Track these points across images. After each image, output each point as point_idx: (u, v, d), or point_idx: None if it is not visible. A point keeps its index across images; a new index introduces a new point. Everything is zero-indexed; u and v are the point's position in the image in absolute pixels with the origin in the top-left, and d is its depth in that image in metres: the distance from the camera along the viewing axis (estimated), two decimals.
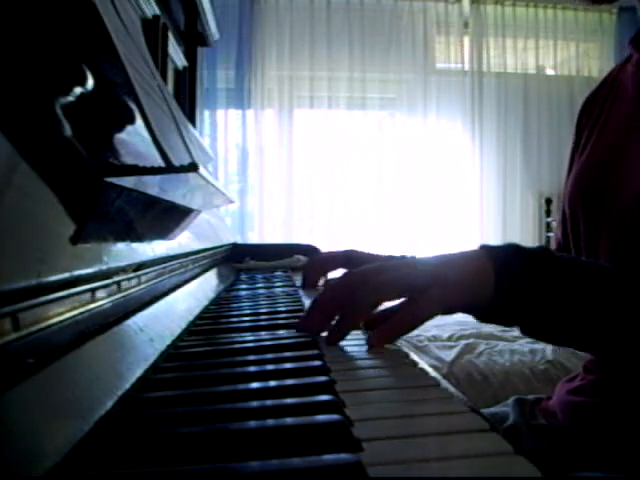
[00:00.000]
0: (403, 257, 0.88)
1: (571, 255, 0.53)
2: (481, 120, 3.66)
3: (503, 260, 0.50)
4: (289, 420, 0.30)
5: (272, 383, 0.38)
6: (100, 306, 0.39)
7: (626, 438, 0.62)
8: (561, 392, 0.75)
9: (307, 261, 1.02)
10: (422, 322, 0.49)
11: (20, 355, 0.28)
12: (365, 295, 0.49)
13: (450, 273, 0.50)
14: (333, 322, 0.51)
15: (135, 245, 0.51)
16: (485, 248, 0.52)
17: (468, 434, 0.29)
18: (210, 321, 0.65)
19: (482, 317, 0.52)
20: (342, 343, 0.51)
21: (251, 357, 0.46)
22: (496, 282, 0.49)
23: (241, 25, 3.45)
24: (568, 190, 0.76)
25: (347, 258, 0.82)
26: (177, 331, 0.54)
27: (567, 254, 0.53)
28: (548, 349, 1.93)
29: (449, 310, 0.51)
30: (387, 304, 0.54)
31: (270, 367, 0.42)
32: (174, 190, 0.63)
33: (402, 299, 0.53)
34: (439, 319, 2.30)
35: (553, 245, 0.87)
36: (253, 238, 3.45)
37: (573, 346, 0.57)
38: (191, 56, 1.79)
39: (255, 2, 3.46)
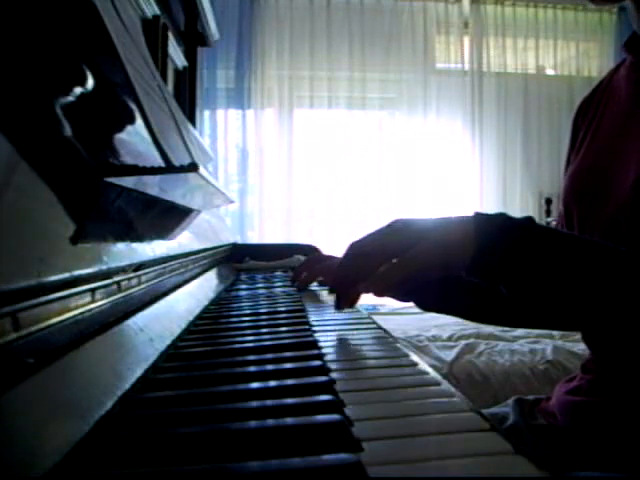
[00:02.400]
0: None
1: (552, 228, 0.56)
2: (481, 120, 3.66)
3: (485, 226, 0.54)
4: (289, 420, 0.30)
5: (272, 383, 0.38)
6: (100, 306, 0.39)
7: (625, 438, 0.62)
8: (560, 392, 0.75)
9: (304, 261, 1.02)
10: (404, 277, 0.54)
11: (20, 355, 0.28)
12: (358, 265, 0.57)
13: (433, 234, 0.55)
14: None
15: (135, 245, 0.51)
16: (475, 214, 0.56)
17: (468, 434, 0.30)
18: (210, 321, 0.65)
19: (465, 273, 0.55)
20: (341, 343, 0.52)
21: (251, 357, 0.46)
22: (475, 246, 0.53)
23: (241, 25, 3.45)
24: (563, 190, 0.77)
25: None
26: (177, 331, 0.54)
27: (551, 227, 0.56)
28: (548, 349, 1.93)
29: (428, 271, 0.55)
30: None
31: (270, 367, 0.42)
32: (174, 190, 0.63)
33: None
34: (439, 319, 2.31)
35: None
36: (253, 238, 3.45)
37: (551, 311, 0.60)
38: (191, 56, 1.78)
39: (255, 2, 3.45)
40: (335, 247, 1.04)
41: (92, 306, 0.38)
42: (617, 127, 0.71)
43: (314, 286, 0.96)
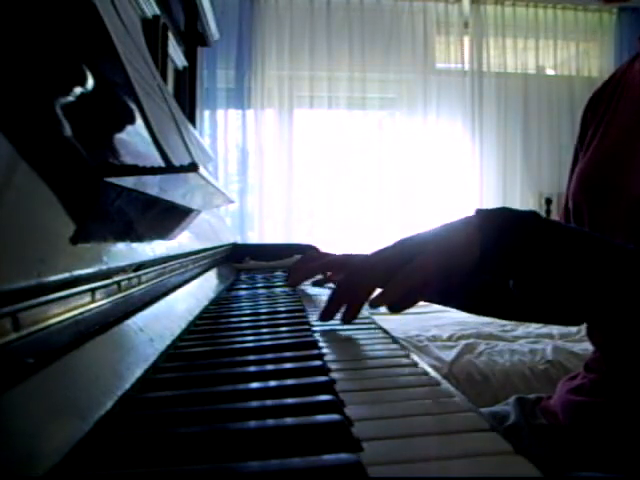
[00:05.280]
0: None
1: (559, 222, 0.55)
2: (481, 120, 3.66)
3: (489, 221, 0.53)
4: (289, 420, 0.30)
5: (272, 383, 0.38)
6: (100, 306, 0.39)
7: (626, 438, 0.62)
8: (562, 391, 0.75)
9: (299, 259, 1.01)
10: (408, 288, 0.53)
11: (20, 355, 0.28)
12: (361, 281, 0.57)
13: (433, 242, 0.54)
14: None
15: (135, 245, 0.51)
16: (477, 212, 0.55)
17: (468, 434, 0.29)
18: (210, 321, 0.65)
19: (474, 272, 0.54)
20: (341, 343, 0.52)
21: (251, 357, 0.46)
22: (481, 247, 0.52)
23: (241, 25, 3.45)
24: (572, 186, 0.76)
25: (343, 264, 0.83)
26: (177, 331, 0.54)
27: (556, 220, 0.55)
28: (548, 349, 1.93)
29: (434, 279, 0.53)
30: None
31: (270, 367, 0.42)
32: (174, 190, 0.63)
33: None
34: (439, 319, 2.31)
35: None
36: (253, 238, 3.45)
37: (560, 305, 0.59)
38: (191, 56, 1.79)
39: (255, 2, 3.46)
40: (335, 247, 1.04)
41: (92, 306, 0.38)
42: (631, 122, 0.70)
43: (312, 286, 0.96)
